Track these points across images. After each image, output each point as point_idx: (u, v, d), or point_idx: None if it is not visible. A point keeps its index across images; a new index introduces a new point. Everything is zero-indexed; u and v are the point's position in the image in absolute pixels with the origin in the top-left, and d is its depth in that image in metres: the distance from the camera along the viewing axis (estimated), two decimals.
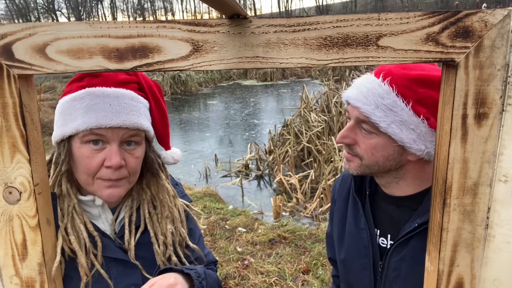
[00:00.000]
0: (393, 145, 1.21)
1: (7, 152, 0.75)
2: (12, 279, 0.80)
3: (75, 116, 1.17)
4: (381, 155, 1.23)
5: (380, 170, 1.27)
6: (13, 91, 0.73)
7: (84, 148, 1.17)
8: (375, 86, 1.21)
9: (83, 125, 1.15)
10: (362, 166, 1.27)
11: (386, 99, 1.18)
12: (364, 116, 1.21)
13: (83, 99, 1.17)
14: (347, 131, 1.27)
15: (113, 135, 1.18)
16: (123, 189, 1.24)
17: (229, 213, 6.22)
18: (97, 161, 1.18)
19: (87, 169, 1.18)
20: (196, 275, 1.27)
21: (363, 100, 1.20)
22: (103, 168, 1.18)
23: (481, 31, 0.69)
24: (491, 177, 0.74)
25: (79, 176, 1.21)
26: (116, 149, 1.18)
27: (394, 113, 1.17)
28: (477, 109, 0.71)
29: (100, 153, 1.18)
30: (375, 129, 1.20)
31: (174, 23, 0.71)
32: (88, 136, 1.16)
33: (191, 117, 15.46)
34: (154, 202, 1.35)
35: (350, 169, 1.31)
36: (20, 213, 0.77)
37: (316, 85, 18.87)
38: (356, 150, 1.27)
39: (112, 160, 1.17)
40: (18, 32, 0.70)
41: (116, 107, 1.18)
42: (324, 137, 8.85)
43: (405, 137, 1.17)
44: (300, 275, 4.48)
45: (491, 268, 0.77)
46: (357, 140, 1.26)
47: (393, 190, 1.33)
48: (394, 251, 1.30)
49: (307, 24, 0.71)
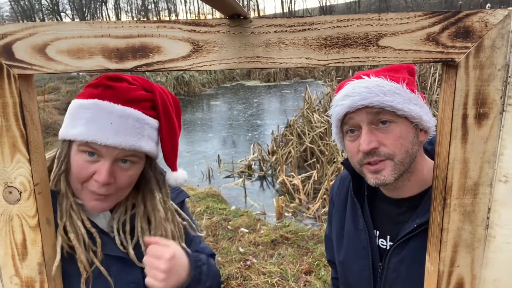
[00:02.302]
0: (411, 127, 1.23)
1: (7, 152, 0.75)
2: (12, 279, 0.80)
3: (77, 123, 1.17)
4: (408, 142, 1.22)
5: (411, 161, 1.25)
6: (13, 91, 0.73)
7: (78, 156, 1.18)
8: (369, 81, 1.23)
9: (80, 136, 1.15)
10: (397, 166, 1.22)
11: (385, 86, 1.21)
12: (377, 110, 1.20)
13: (89, 109, 1.17)
14: (369, 136, 1.22)
15: (107, 152, 1.17)
16: (108, 203, 1.23)
17: (232, 213, 6.22)
18: (88, 172, 1.17)
19: (77, 177, 1.19)
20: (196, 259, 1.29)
21: (369, 95, 1.20)
22: (92, 180, 1.18)
23: (481, 31, 0.68)
24: (492, 177, 0.73)
25: (72, 181, 1.22)
26: (107, 166, 1.17)
27: (398, 94, 1.21)
28: (478, 109, 0.71)
29: (92, 165, 1.17)
30: (393, 116, 1.21)
31: (174, 23, 0.71)
32: (83, 147, 1.16)
33: (194, 117, 15.48)
34: (150, 218, 1.34)
35: (385, 179, 1.22)
36: (20, 213, 0.78)
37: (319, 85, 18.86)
38: (384, 152, 1.21)
39: (101, 176, 1.16)
40: (18, 32, 0.71)
41: (117, 127, 1.16)
42: (327, 138, 8.84)
43: (419, 112, 1.22)
44: (302, 275, 4.47)
45: (491, 269, 0.77)
46: (380, 140, 1.22)
47: (396, 193, 1.32)
48: (394, 252, 1.30)
49: (307, 24, 0.70)
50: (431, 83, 10.60)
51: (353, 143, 1.26)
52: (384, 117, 1.21)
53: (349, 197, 1.48)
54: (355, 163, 1.28)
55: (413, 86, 1.26)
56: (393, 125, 1.21)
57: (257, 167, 9.17)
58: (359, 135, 1.24)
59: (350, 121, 1.26)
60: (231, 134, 12.71)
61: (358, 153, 1.24)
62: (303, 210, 6.74)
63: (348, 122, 1.26)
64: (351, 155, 1.29)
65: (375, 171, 1.23)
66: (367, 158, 1.23)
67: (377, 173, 1.23)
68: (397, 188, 1.30)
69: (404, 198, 1.31)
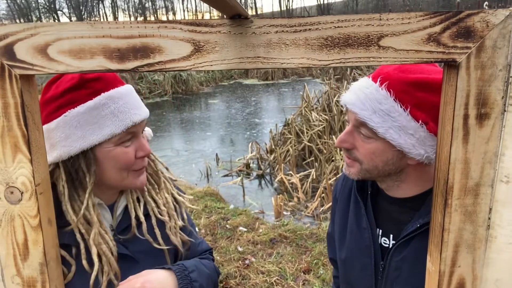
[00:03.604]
0: (392, 150, 1.19)
1: (9, 152, 0.75)
2: (14, 279, 0.80)
3: (102, 123, 1.15)
4: (380, 160, 1.22)
5: (380, 175, 1.26)
6: (14, 91, 0.73)
7: (118, 149, 1.21)
8: (373, 91, 1.18)
9: (118, 128, 1.17)
10: (362, 171, 1.27)
11: (383, 104, 1.16)
12: (362, 121, 1.19)
13: (106, 104, 1.17)
14: (346, 135, 1.27)
15: (139, 128, 1.25)
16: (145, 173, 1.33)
17: (230, 212, 6.22)
18: (132, 156, 1.23)
19: (127, 165, 1.23)
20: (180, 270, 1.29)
21: (360, 105, 1.18)
22: (136, 160, 1.25)
23: (482, 31, 0.69)
24: (493, 178, 0.74)
25: (110, 178, 1.24)
26: (143, 139, 1.27)
27: (392, 118, 1.15)
28: (479, 110, 0.71)
29: (132, 148, 1.23)
30: (374, 134, 1.19)
31: (175, 23, 0.71)
32: (125, 137, 1.21)
33: (192, 116, 15.46)
34: (150, 180, 1.41)
35: (350, 174, 1.30)
36: (21, 213, 0.77)
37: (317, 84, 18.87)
38: (355, 155, 1.26)
39: (145, 149, 1.25)
40: (19, 32, 0.71)
41: (135, 102, 1.24)
42: (325, 136, 8.85)
43: (403, 142, 1.15)
44: (301, 274, 4.48)
45: (492, 269, 0.77)
46: (356, 144, 1.25)
47: (394, 192, 1.33)
48: (396, 251, 1.30)
49: (308, 24, 0.70)
50: None
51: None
52: (363, 131, 1.21)
53: (352, 195, 1.49)
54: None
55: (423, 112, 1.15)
56: (371, 140, 1.21)
57: (256, 165, 9.17)
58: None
59: (347, 113, 1.29)
60: (229, 133, 12.70)
61: None
62: (301, 208, 6.74)
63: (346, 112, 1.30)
64: None
65: (346, 163, 1.32)
66: (345, 152, 1.31)
67: (347, 166, 1.32)
68: (389, 189, 1.33)
69: (407, 197, 1.32)
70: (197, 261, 1.41)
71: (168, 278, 1.23)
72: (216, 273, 1.48)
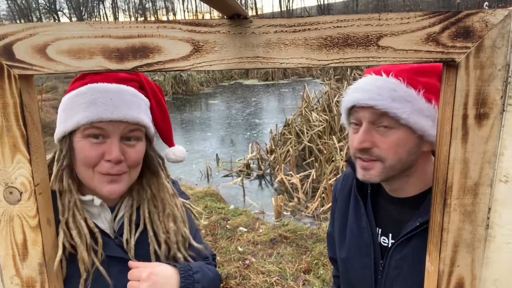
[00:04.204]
0: (413, 137, 1.20)
1: (8, 152, 0.75)
2: (13, 279, 0.80)
3: (76, 111, 1.18)
4: (404, 151, 1.21)
5: (403, 169, 1.24)
6: (13, 91, 0.73)
7: (84, 142, 1.18)
8: (384, 82, 1.21)
9: (84, 119, 1.16)
10: (385, 169, 1.23)
11: (398, 91, 1.18)
12: (381, 112, 1.19)
13: (85, 94, 1.18)
14: (364, 135, 1.22)
15: (113, 129, 1.18)
16: (123, 184, 1.23)
17: (230, 212, 6.22)
18: (97, 153, 1.18)
19: (87, 161, 1.19)
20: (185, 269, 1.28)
21: (377, 97, 1.19)
22: (103, 161, 1.19)
23: (481, 31, 0.69)
24: (492, 178, 0.74)
25: (80, 172, 1.22)
26: (116, 143, 1.19)
27: (409, 102, 1.18)
28: (478, 109, 0.71)
29: (100, 146, 1.19)
30: (395, 123, 1.19)
31: (175, 23, 0.71)
32: (89, 130, 1.17)
33: (192, 116, 15.46)
34: (155, 201, 1.35)
35: (371, 178, 1.25)
36: (20, 213, 0.77)
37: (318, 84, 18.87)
38: (376, 153, 1.22)
39: (112, 153, 1.17)
40: (18, 32, 0.71)
41: (118, 102, 1.19)
42: (325, 137, 8.85)
43: (425, 125, 1.18)
44: (301, 274, 4.48)
45: (491, 269, 0.77)
46: (376, 142, 1.22)
47: (399, 192, 1.33)
48: (395, 250, 1.30)
49: (307, 24, 0.70)
50: None
51: (354, 135, 1.28)
52: (385, 122, 1.21)
53: (352, 194, 1.49)
54: (352, 154, 1.31)
55: (432, 94, 1.21)
56: (393, 131, 1.20)
57: (256, 166, 9.17)
58: (359, 129, 1.25)
59: (355, 114, 1.27)
60: (229, 133, 12.70)
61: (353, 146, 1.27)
62: (301, 209, 6.74)
63: (354, 114, 1.28)
64: (350, 145, 1.32)
65: (364, 167, 1.26)
66: (359, 154, 1.25)
67: (365, 170, 1.26)
68: (396, 189, 1.31)
69: (407, 197, 1.32)
70: (202, 264, 1.41)
71: (173, 275, 1.23)
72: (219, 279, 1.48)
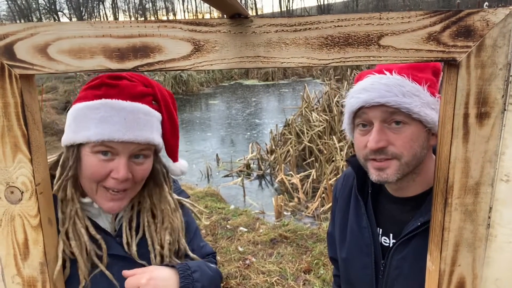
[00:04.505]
0: (424, 131, 1.22)
1: (9, 152, 0.75)
2: (14, 279, 0.80)
3: (88, 126, 1.16)
4: (418, 145, 1.22)
5: (417, 165, 1.25)
6: (14, 91, 0.73)
7: (93, 157, 1.18)
8: (389, 79, 1.21)
9: (95, 136, 1.15)
10: (401, 167, 1.22)
11: (406, 86, 1.19)
12: (392, 110, 1.19)
13: (99, 109, 1.17)
14: (379, 135, 1.21)
15: (123, 149, 1.18)
16: (125, 201, 1.25)
17: (231, 212, 6.22)
18: (105, 171, 1.18)
19: (94, 177, 1.19)
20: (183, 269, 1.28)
21: (387, 94, 1.19)
22: (110, 178, 1.19)
23: (482, 30, 0.69)
24: (493, 177, 0.73)
25: (84, 183, 1.22)
26: (124, 162, 1.18)
27: (417, 97, 1.19)
28: (479, 109, 0.71)
29: (108, 164, 1.18)
30: (408, 118, 1.20)
31: (175, 22, 0.71)
32: (98, 147, 1.17)
33: (192, 117, 15.46)
34: (154, 211, 1.36)
35: (388, 177, 1.22)
36: (21, 212, 0.77)
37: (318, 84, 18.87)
38: (392, 151, 1.21)
39: (120, 173, 1.17)
40: (19, 32, 0.70)
41: (130, 122, 1.18)
42: (325, 137, 8.85)
43: (434, 117, 1.20)
44: (301, 274, 4.48)
45: (492, 268, 0.77)
46: (390, 140, 1.22)
47: (402, 192, 1.33)
48: (397, 250, 1.30)
49: (308, 24, 0.70)
50: None
51: (363, 137, 1.27)
52: (398, 118, 1.21)
53: (352, 194, 1.49)
54: (361, 157, 1.29)
55: (434, 89, 1.24)
56: (406, 127, 1.21)
57: (256, 166, 9.17)
58: (370, 130, 1.24)
59: (363, 116, 1.26)
60: (229, 133, 12.70)
61: (365, 148, 1.25)
62: (302, 209, 6.74)
63: (361, 116, 1.26)
64: (358, 149, 1.30)
65: (379, 168, 1.23)
66: (373, 155, 1.23)
67: (380, 171, 1.23)
68: (401, 188, 1.31)
69: (409, 197, 1.32)
70: (202, 262, 1.41)
71: (171, 276, 1.24)
72: (219, 276, 1.48)
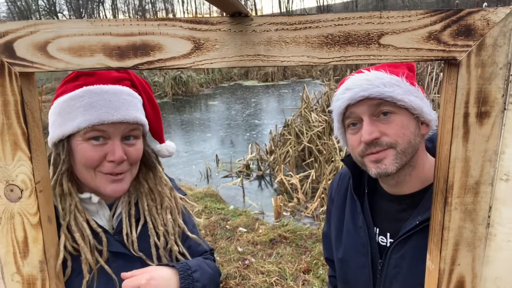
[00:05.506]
0: (412, 118, 1.24)
1: (9, 150, 0.75)
2: (14, 277, 0.80)
3: (75, 115, 1.18)
4: (410, 132, 1.23)
5: (413, 153, 1.25)
6: (14, 89, 0.73)
7: (85, 144, 1.19)
8: (369, 74, 1.25)
9: (84, 123, 1.16)
10: (399, 155, 1.22)
11: (385, 78, 1.23)
12: (377, 102, 1.22)
13: (82, 97, 1.19)
14: (371, 126, 1.22)
15: (114, 131, 1.20)
16: (126, 183, 1.26)
17: (230, 213, 6.22)
18: (100, 155, 1.20)
19: (89, 163, 1.20)
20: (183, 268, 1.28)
21: (369, 87, 1.21)
22: (105, 162, 1.21)
23: (483, 30, 0.69)
24: (493, 176, 0.73)
25: (81, 173, 1.23)
26: (118, 143, 1.21)
27: (398, 86, 1.22)
28: (479, 108, 0.71)
29: (101, 148, 1.20)
30: (394, 107, 1.22)
31: (175, 21, 0.71)
32: (90, 133, 1.18)
33: (192, 117, 15.46)
34: (152, 195, 1.38)
35: (387, 168, 1.22)
36: (21, 210, 0.77)
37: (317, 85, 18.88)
38: (386, 141, 1.22)
39: (116, 154, 1.19)
40: (19, 30, 0.70)
41: (116, 103, 1.20)
42: (325, 137, 8.85)
43: (419, 103, 1.23)
44: (300, 274, 4.48)
45: (492, 267, 0.77)
46: (382, 130, 1.22)
47: (398, 188, 1.33)
48: (395, 249, 1.30)
49: (308, 22, 0.70)
50: (428, 82, 10.61)
51: (355, 135, 1.28)
52: (384, 108, 1.22)
53: (348, 194, 1.49)
54: (357, 156, 1.29)
55: (412, 80, 1.28)
56: (394, 116, 1.23)
57: (255, 166, 9.17)
58: (360, 127, 1.25)
59: (351, 115, 1.27)
60: (229, 134, 12.70)
61: (359, 145, 1.25)
62: (301, 209, 6.74)
63: (350, 115, 1.28)
64: (352, 148, 1.30)
65: (376, 160, 1.23)
66: (368, 149, 1.24)
67: (378, 162, 1.23)
68: (399, 182, 1.30)
69: (405, 194, 1.32)
70: (201, 261, 1.41)
71: (171, 276, 1.24)
72: (218, 274, 1.48)
